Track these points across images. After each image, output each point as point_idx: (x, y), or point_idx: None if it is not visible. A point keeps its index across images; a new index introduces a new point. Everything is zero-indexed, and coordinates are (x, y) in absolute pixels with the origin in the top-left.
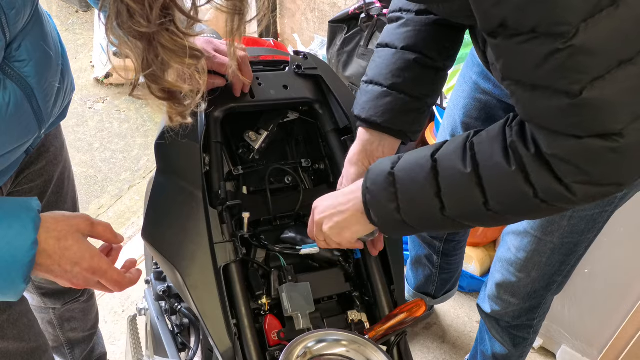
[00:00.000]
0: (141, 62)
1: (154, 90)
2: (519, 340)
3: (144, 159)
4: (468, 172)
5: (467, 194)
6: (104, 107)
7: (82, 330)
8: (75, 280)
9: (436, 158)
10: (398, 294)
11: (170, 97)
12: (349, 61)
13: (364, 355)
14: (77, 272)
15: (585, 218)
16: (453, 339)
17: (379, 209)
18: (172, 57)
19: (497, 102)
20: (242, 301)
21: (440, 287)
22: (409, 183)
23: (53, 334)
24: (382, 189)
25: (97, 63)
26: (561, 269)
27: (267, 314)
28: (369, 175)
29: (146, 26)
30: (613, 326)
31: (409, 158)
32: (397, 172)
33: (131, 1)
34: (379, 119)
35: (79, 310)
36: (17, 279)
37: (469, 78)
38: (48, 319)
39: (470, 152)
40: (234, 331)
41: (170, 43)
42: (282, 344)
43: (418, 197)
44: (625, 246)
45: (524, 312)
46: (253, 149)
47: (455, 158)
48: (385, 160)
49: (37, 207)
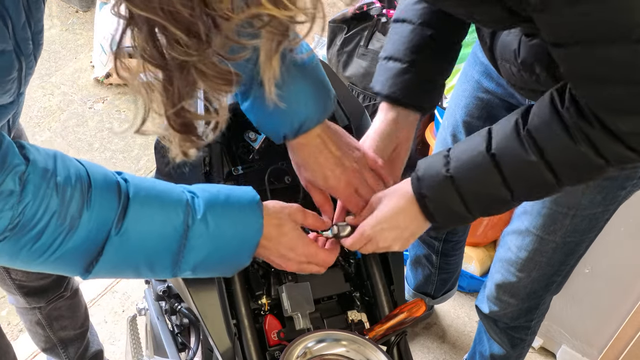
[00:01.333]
0: (167, 94)
1: (175, 124)
2: (516, 341)
3: (144, 159)
4: (535, 160)
5: (538, 179)
6: (104, 107)
7: (72, 328)
8: (290, 263)
9: (494, 153)
10: (398, 294)
11: (189, 130)
12: (349, 61)
13: (364, 355)
14: (292, 256)
15: (587, 217)
16: (453, 339)
17: (444, 212)
18: (211, 84)
19: (499, 101)
20: (242, 301)
21: (439, 287)
22: (471, 181)
23: (44, 334)
24: (444, 192)
25: (97, 63)
26: (561, 269)
27: (267, 314)
28: (422, 184)
29: (191, 54)
30: (613, 326)
31: (460, 157)
32: (455, 174)
33: (177, 29)
34: (401, 95)
35: (65, 308)
36: (244, 257)
37: (471, 77)
38: (36, 319)
39: (530, 139)
40: (233, 331)
41: (212, 69)
42: (282, 344)
43: (484, 191)
44: (626, 246)
45: (522, 312)
46: (253, 149)
47: (515, 148)
48: (432, 165)
49: (258, 196)
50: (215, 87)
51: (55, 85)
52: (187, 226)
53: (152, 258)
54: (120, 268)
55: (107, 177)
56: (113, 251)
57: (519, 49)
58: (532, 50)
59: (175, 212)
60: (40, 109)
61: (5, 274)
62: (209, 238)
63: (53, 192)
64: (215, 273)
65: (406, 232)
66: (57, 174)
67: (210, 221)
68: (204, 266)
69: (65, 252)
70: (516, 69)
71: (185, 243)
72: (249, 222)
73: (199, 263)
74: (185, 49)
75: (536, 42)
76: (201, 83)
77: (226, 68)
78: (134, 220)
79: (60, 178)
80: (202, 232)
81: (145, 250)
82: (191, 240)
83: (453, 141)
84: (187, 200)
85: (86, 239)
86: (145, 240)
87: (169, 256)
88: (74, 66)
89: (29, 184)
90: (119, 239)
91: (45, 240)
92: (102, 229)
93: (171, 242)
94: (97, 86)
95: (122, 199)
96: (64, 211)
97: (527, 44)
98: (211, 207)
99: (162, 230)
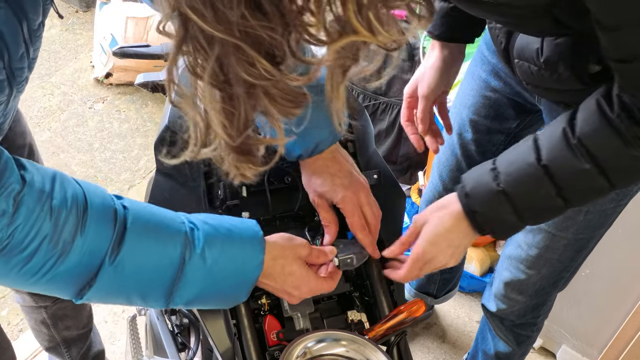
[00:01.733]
0: (231, 119)
1: (235, 147)
2: (522, 339)
3: (144, 159)
4: (588, 168)
5: (592, 185)
6: (104, 107)
7: (76, 328)
8: (293, 299)
9: (545, 164)
10: (398, 294)
11: (250, 152)
12: None
13: (364, 355)
14: (297, 294)
15: (600, 213)
16: (453, 339)
17: (498, 224)
18: (279, 107)
19: (506, 100)
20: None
21: (441, 286)
22: (525, 194)
23: (48, 334)
24: (497, 206)
25: (97, 63)
26: (570, 265)
27: (266, 314)
28: (473, 200)
29: (268, 77)
30: (613, 326)
31: (510, 171)
32: (507, 189)
33: (256, 52)
34: (451, 33)
35: (70, 308)
36: (241, 293)
37: (478, 76)
38: (41, 318)
39: (581, 148)
40: (233, 331)
41: (284, 91)
42: (282, 344)
43: (538, 202)
44: (625, 247)
45: (529, 309)
46: None
47: (567, 158)
48: (480, 181)
49: (261, 232)
50: (283, 110)
51: (55, 85)
52: (184, 260)
53: (145, 289)
54: (112, 296)
55: (105, 202)
56: (106, 280)
57: (541, 48)
58: (557, 50)
59: (173, 245)
60: (40, 109)
61: None
62: (205, 273)
63: (47, 215)
64: (211, 306)
65: (460, 248)
66: (54, 197)
67: (209, 256)
68: (198, 300)
69: (57, 276)
70: (536, 68)
71: (181, 277)
72: (248, 258)
73: (194, 297)
74: (263, 73)
75: (561, 41)
76: (270, 106)
77: (299, 90)
78: (130, 251)
79: (55, 201)
80: (199, 266)
81: (139, 281)
82: (187, 274)
83: (459, 140)
84: (186, 233)
85: (78, 264)
86: (140, 272)
87: (163, 289)
88: (74, 66)
89: (22, 206)
90: (113, 269)
91: (35, 263)
92: (95, 257)
93: (166, 275)
94: (97, 86)
95: (118, 227)
96: (57, 236)
97: (552, 43)
98: (211, 242)
99: (158, 262)
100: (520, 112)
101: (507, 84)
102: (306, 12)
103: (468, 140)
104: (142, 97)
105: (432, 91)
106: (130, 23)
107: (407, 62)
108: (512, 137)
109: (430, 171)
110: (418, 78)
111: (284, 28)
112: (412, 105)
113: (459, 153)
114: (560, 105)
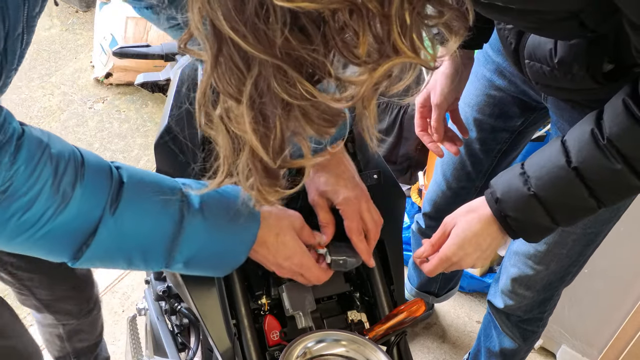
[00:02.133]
0: (265, 141)
1: (265, 172)
2: (528, 334)
3: (144, 159)
4: (620, 168)
5: (624, 184)
6: (104, 107)
7: (88, 340)
8: (283, 271)
9: (576, 166)
10: (398, 294)
11: (275, 176)
12: None
13: (364, 355)
14: (287, 265)
15: (610, 207)
16: (453, 339)
17: (532, 228)
18: (315, 127)
19: (511, 98)
20: (242, 301)
21: (443, 285)
22: (557, 197)
23: (60, 345)
24: (531, 211)
25: (97, 63)
26: (578, 260)
27: (266, 314)
28: (505, 205)
29: (309, 98)
30: (613, 326)
31: (540, 174)
32: (539, 192)
33: (291, 69)
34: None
35: (87, 324)
36: (239, 253)
37: (482, 76)
38: (57, 333)
39: (612, 148)
40: (233, 331)
41: (322, 111)
42: (282, 344)
43: (571, 203)
44: (625, 246)
45: (536, 305)
46: None
47: (598, 158)
48: (511, 185)
49: None
50: (318, 129)
51: (55, 85)
52: (182, 214)
53: (146, 245)
54: (112, 255)
55: (99, 159)
56: (105, 235)
57: (555, 49)
58: (572, 51)
59: (170, 200)
60: (40, 109)
61: (31, 295)
62: (204, 228)
63: (47, 161)
64: (209, 269)
65: (488, 251)
66: (52, 147)
67: (206, 210)
68: (197, 260)
69: (55, 228)
70: (549, 69)
71: (181, 231)
72: (247, 217)
73: (193, 255)
74: (301, 92)
75: (576, 42)
76: (306, 126)
77: (337, 110)
78: (129, 203)
79: (54, 150)
80: (198, 220)
81: (139, 235)
82: (186, 228)
83: (463, 139)
84: (181, 190)
85: (77, 216)
86: (140, 225)
87: (163, 244)
88: (74, 66)
89: (23, 149)
90: (114, 221)
91: (36, 211)
92: (94, 208)
93: (166, 229)
94: (97, 86)
95: (115, 182)
96: (57, 182)
97: (567, 44)
98: (207, 199)
99: (157, 217)
100: (525, 110)
101: (511, 83)
102: (349, 31)
103: (472, 139)
104: (142, 97)
105: (445, 99)
106: (130, 23)
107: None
108: (517, 134)
109: (432, 171)
110: (430, 87)
111: (325, 48)
112: (425, 115)
113: (463, 152)
114: (568, 102)
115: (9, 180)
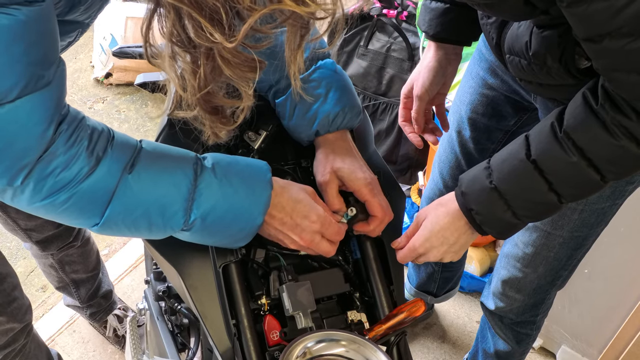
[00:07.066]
0: (195, 77)
1: (204, 106)
2: (522, 337)
3: None
4: (576, 160)
5: (582, 178)
6: (104, 107)
7: (83, 272)
8: (304, 234)
9: (534, 159)
10: (398, 294)
11: (218, 111)
12: (348, 61)
13: (364, 355)
14: (306, 224)
15: (596, 211)
16: (453, 339)
17: (495, 222)
18: (235, 71)
19: (504, 98)
20: (242, 301)
21: (442, 285)
22: (517, 190)
23: (57, 275)
24: (491, 204)
25: (97, 63)
26: (568, 263)
27: (266, 314)
28: (468, 198)
29: (214, 41)
30: (613, 326)
31: (502, 168)
32: (499, 186)
33: (201, 17)
34: (446, 34)
35: (77, 255)
36: (255, 211)
37: (476, 74)
38: (49, 263)
39: (568, 140)
40: (233, 331)
41: (236, 57)
42: (282, 344)
43: (531, 197)
44: (625, 246)
45: (528, 308)
46: (252, 149)
47: (555, 151)
48: (475, 179)
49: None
50: (239, 74)
51: None
52: (195, 173)
53: (163, 201)
54: (132, 212)
55: (126, 136)
56: (125, 191)
57: (530, 42)
58: (544, 42)
59: (184, 160)
60: None
61: (15, 225)
62: (217, 185)
63: (84, 128)
64: (227, 233)
65: (456, 246)
66: (87, 120)
67: (218, 171)
68: (213, 218)
69: (83, 190)
70: (526, 62)
71: (196, 188)
72: (257, 175)
73: (208, 211)
74: (208, 36)
75: (548, 33)
76: (226, 69)
77: (250, 56)
78: (145, 162)
79: (89, 123)
80: (211, 178)
81: (156, 191)
82: (200, 184)
83: (458, 137)
84: (195, 155)
85: (104, 177)
86: (157, 182)
87: (180, 199)
88: (74, 66)
89: (67, 116)
90: (132, 178)
91: (72, 171)
92: (118, 171)
93: (181, 185)
94: (97, 86)
95: (136, 149)
96: (92, 147)
97: (539, 36)
98: (218, 161)
99: (173, 173)
100: (518, 110)
101: (504, 82)
102: None
103: (467, 138)
104: (142, 97)
105: (426, 91)
106: (130, 23)
107: (407, 62)
108: (511, 135)
109: (431, 170)
110: (413, 78)
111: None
112: (409, 106)
113: (458, 151)
114: (554, 102)
115: (53, 137)
